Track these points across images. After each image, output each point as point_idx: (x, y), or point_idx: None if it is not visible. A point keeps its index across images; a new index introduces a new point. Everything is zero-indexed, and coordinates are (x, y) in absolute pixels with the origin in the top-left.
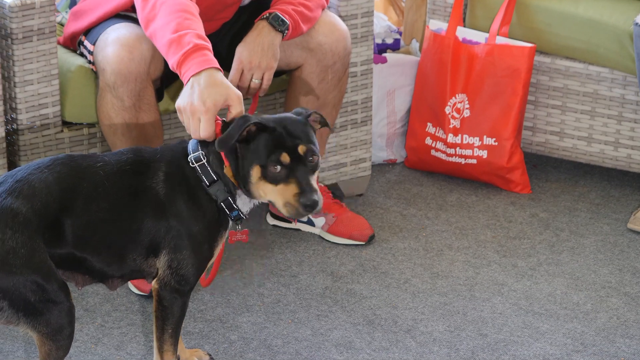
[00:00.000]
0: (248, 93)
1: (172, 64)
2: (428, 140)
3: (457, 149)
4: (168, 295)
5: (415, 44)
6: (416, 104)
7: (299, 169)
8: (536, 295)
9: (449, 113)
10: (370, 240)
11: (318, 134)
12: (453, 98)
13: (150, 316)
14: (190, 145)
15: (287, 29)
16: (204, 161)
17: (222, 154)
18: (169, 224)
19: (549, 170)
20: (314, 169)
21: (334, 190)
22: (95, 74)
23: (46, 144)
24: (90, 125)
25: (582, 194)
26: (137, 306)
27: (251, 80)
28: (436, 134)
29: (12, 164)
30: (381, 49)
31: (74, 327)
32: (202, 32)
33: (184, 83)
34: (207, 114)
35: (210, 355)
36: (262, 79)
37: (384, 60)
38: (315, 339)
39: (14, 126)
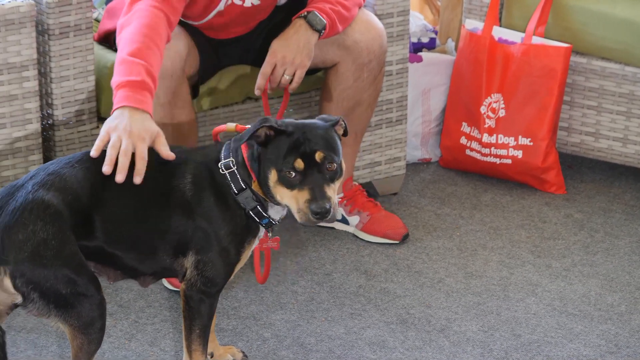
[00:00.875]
0: (278, 87)
1: (113, 81)
2: (463, 140)
3: (492, 148)
4: (195, 296)
5: (450, 43)
6: (451, 103)
7: (313, 175)
8: (570, 296)
9: (484, 113)
10: (405, 239)
11: (352, 132)
12: (488, 98)
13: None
14: (224, 150)
15: (324, 29)
16: (234, 169)
17: (250, 168)
18: (195, 224)
19: (584, 171)
20: (332, 176)
21: (369, 189)
22: None
23: (82, 140)
24: None
25: (617, 195)
26: (170, 302)
27: (282, 76)
28: (471, 133)
29: (47, 159)
30: (417, 48)
31: (105, 320)
32: (156, 68)
33: (113, 106)
34: (143, 144)
35: (243, 353)
36: (293, 75)
37: (420, 59)
38: (348, 338)
39: (50, 121)
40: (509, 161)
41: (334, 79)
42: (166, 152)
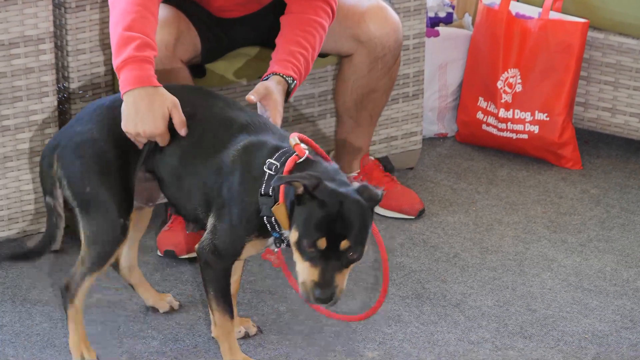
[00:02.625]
0: None
1: (114, 62)
2: (479, 115)
3: (509, 123)
4: (202, 257)
5: (468, 18)
6: (468, 78)
7: (331, 259)
8: (586, 272)
9: (501, 88)
10: (420, 214)
11: (367, 114)
12: (505, 73)
13: (200, 286)
14: (281, 146)
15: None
16: (272, 172)
17: (282, 194)
18: (221, 190)
19: (600, 146)
20: (349, 263)
21: (385, 164)
22: None
23: None
24: None
25: (633, 171)
26: (186, 276)
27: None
28: (488, 108)
29: None
30: (434, 22)
31: (117, 250)
32: (153, 35)
33: (120, 89)
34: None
35: (258, 327)
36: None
37: (437, 34)
38: (363, 312)
39: (66, 94)
40: (525, 136)
41: (348, 67)
42: (179, 122)
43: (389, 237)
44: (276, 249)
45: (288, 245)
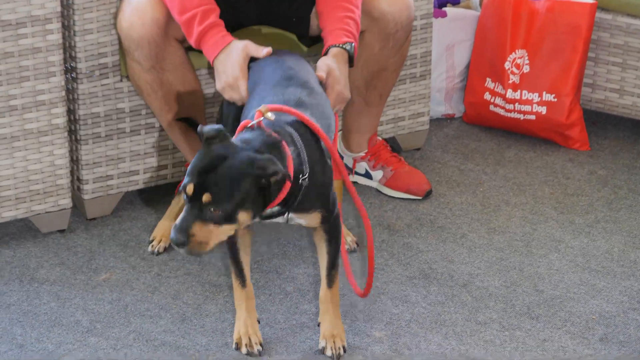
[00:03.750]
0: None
1: (192, 42)
2: (487, 96)
3: (516, 104)
4: None
5: None
6: (475, 59)
7: (194, 208)
8: (593, 253)
9: (509, 68)
10: (427, 195)
11: (377, 94)
12: (513, 54)
13: (206, 266)
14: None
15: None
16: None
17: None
18: None
19: (608, 127)
20: (212, 218)
21: (392, 144)
22: None
23: (105, 93)
24: None
25: None
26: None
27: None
28: (495, 89)
29: (71, 112)
30: (441, 3)
31: None
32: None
33: (210, 62)
34: (241, 80)
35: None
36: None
37: (444, 15)
38: (371, 292)
39: (73, 74)
40: (532, 117)
41: (360, 45)
42: (259, 54)
43: (396, 217)
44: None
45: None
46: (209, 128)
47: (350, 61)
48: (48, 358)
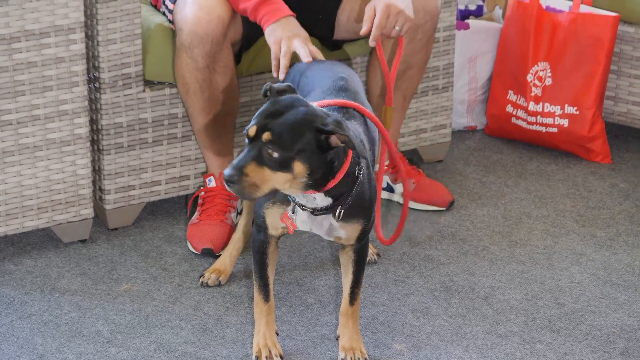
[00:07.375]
0: (389, 37)
1: (246, 8)
2: (509, 108)
3: (538, 117)
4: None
5: (498, 11)
6: (498, 71)
7: (253, 150)
8: (614, 266)
9: (531, 81)
10: (451, 206)
11: (401, 96)
12: (535, 66)
13: (229, 278)
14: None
15: None
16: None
17: None
18: None
19: (630, 140)
20: (268, 162)
21: (413, 156)
22: (174, 33)
23: (128, 103)
24: (172, 85)
25: None
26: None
27: (393, 27)
28: (517, 101)
29: (93, 123)
30: (464, 15)
31: None
32: None
33: (264, 29)
34: (298, 38)
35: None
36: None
37: (467, 27)
38: (392, 304)
39: (97, 84)
40: (554, 130)
41: (387, 40)
42: (305, 54)
43: (418, 229)
44: (294, 215)
45: (309, 211)
46: (279, 83)
47: None
48: None
